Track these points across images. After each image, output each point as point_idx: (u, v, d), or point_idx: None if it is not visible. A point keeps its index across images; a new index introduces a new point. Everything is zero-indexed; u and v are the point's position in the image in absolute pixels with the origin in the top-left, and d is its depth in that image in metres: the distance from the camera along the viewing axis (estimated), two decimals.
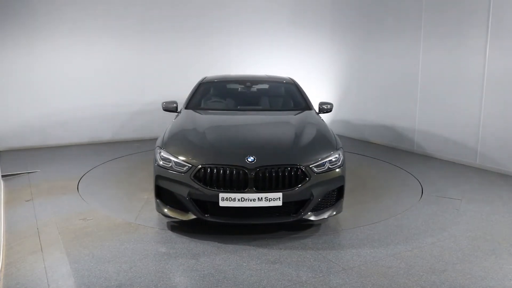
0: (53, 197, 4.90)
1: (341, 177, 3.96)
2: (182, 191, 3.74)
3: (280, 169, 3.68)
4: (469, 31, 6.23)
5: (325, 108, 5.36)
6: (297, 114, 5.02)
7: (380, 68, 7.86)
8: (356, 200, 4.92)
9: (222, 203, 3.63)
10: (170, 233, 3.91)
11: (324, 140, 4.22)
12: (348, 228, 4.08)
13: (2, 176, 5.54)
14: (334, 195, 4.01)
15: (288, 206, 3.74)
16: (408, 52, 7.22)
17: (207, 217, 3.75)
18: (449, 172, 6.14)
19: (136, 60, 8.19)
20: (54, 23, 7.42)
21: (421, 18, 6.93)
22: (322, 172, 3.84)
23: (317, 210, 3.89)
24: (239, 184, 3.65)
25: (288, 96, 5.63)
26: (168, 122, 5.05)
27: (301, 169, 3.72)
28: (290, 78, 5.97)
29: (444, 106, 6.72)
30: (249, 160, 3.70)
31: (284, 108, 5.44)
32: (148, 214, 4.36)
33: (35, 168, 6.13)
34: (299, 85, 5.76)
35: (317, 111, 5.34)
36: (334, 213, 3.99)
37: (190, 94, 5.63)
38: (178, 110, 5.41)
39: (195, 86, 5.80)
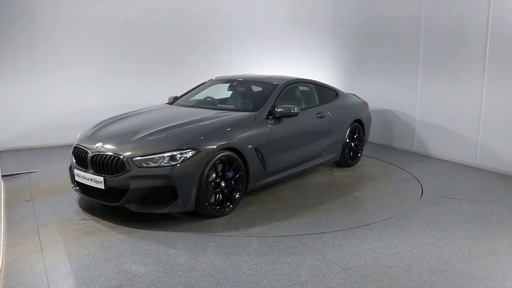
0: (53, 197, 4.90)
1: (168, 177, 3.91)
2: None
3: (106, 157, 4.10)
4: (469, 26, 6.24)
5: (281, 111, 4.91)
6: (232, 114, 4.86)
7: (380, 66, 7.85)
8: (355, 200, 4.92)
9: (76, 178, 4.40)
10: (170, 233, 3.91)
11: (177, 138, 4.18)
12: (348, 228, 4.08)
13: (2, 176, 5.53)
14: (165, 193, 3.99)
15: (113, 191, 4.09)
16: (408, 50, 7.22)
17: (72, 186, 4.59)
18: (449, 172, 6.14)
19: (136, 62, 8.17)
20: (56, 23, 7.42)
21: (421, 19, 6.93)
22: (148, 167, 3.95)
23: (144, 203, 4.03)
24: (84, 164, 4.28)
25: (258, 97, 5.35)
26: None
27: (122, 160, 3.99)
28: (286, 79, 5.62)
29: (445, 105, 6.72)
30: (96, 145, 4.27)
31: (242, 108, 5.18)
32: (147, 214, 4.36)
33: (35, 168, 6.13)
34: (283, 87, 5.33)
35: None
36: (164, 210, 4.00)
37: (186, 92, 5.98)
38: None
39: (198, 85, 6.11)
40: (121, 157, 4.01)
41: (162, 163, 3.95)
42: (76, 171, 4.37)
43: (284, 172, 5.14)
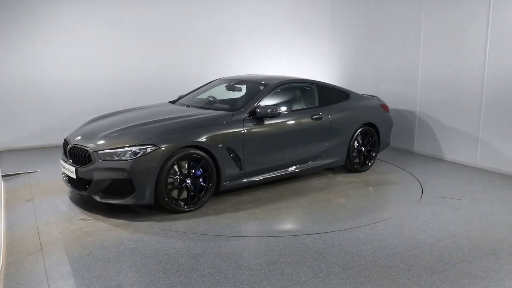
0: (53, 197, 4.91)
1: (125, 170, 4.12)
2: None
3: (79, 149, 4.42)
4: (469, 30, 6.24)
5: (261, 112, 4.88)
6: (210, 113, 4.92)
7: (380, 66, 7.86)
8: (356, 200, 4.92)
9: (61, 168, 4.72)
10: (170, 233, 3.91)
11: (140, 134, 4.36)
12: (348, 228, 4.08)
13: (2, 176, 5.53)
14: (125, 186, 4.18)
15: (83, 181, 4.36)
16: (408, 49, 7.22)
17: (62, 176, 4.83)
18: (449, 172, 6.14)
19: (136, 63, 8.16)
20: (56, 23, 7.42)
21: (421, 22, 6.93)
22: (111, 160, 4.20)
23: (107, 193, 4.27)
24: (66, 155, 4.65)
25: (247, 97, 5.31)
26: None
27: (89, 153, 4.29)
28: (280, 79, 5.51)
29: (445, 105, 6.72)
30: (76, 138, 4.59)
31: (229, 108, 5.16)
32: (148, 214, 4.37)
33: (35, 168, 6.13)
34: (272, 88, 5.24)
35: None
36: (122, 202, 4.21)
37: (191, 90, 6.07)
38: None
39: (204, 84, 6.25)
40: (89, 150, 4.31)
41: (123, 157, 4.17)
42: (61, 161, 4.74)
43: (267, 173, 5.02)
